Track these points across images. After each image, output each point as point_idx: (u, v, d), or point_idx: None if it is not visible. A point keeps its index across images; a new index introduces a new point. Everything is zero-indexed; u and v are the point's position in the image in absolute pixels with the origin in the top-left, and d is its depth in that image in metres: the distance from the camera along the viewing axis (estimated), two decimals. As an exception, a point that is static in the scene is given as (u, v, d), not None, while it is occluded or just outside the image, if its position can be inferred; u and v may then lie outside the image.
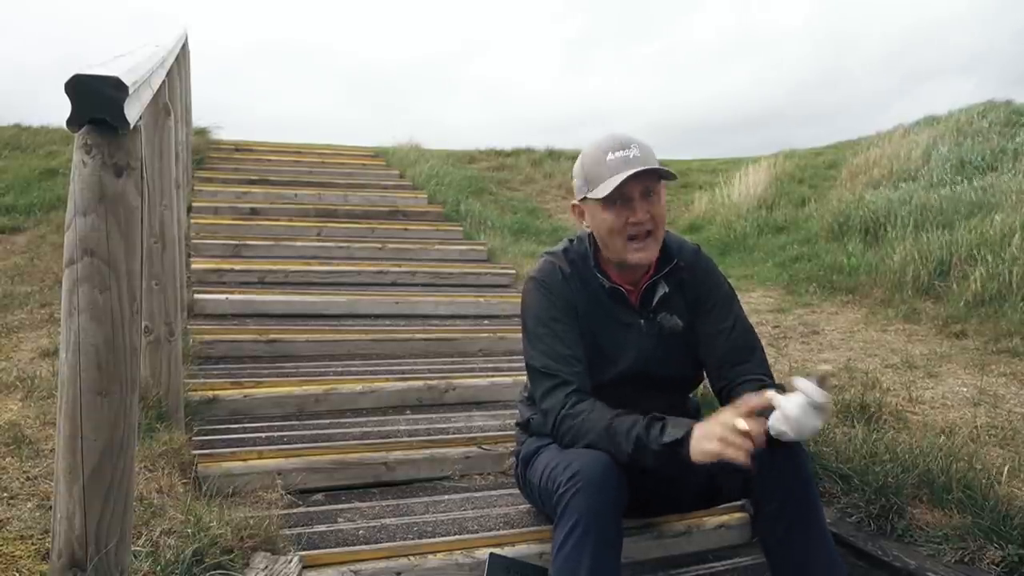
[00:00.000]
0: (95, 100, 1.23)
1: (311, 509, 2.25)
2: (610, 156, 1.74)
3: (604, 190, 1.73)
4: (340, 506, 2.28)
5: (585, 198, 1.81)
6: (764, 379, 1.80)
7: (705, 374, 1.94)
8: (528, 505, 2.16)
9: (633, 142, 1.76)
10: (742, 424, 1.49)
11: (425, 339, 3.89)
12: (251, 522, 1.84)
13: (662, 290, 1.88)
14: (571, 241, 1.96)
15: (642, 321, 1.88)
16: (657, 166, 1.73)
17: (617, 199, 1.75)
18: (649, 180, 1.75)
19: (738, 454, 1.48)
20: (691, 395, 2.08)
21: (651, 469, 1.64)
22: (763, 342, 1.97)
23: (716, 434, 1.51)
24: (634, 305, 1.89)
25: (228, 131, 8.32)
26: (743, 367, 1.81)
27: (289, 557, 1.79)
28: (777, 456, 1.57)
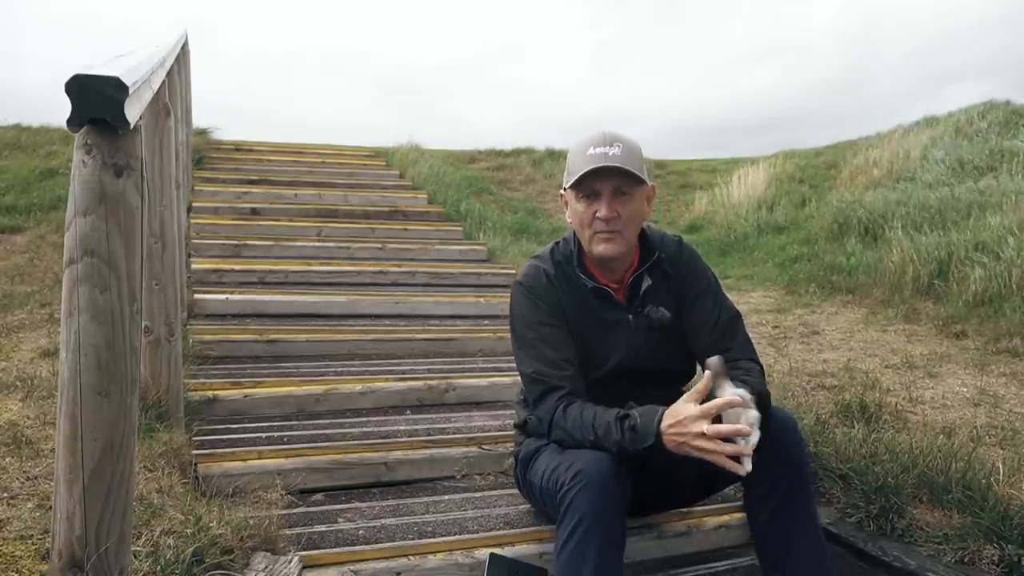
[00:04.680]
0: (95, 100, 1.23)
1: (311, 509, 2.25)
2: (591, 150, 1.77)
3: (572, 179, 1.79)
4: (340, 506, 2.28)
5: (566, 188, 1.86)
6: (750, 364, 1.82)
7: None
8: (528, 505, 2.16)
9: (619, 142, 1.79)
10: (708, 428, 1.51)
11: (425, 339, 3.89)
12: (251, 522, 1.84)
13: (646, 283, 1.90)
14: (557, 243, 1.99)
15: (630, 316, 1.90)
16: (628, 168, 1.76)
17: (588, 192, 1.80)
18: (623, 180, 1.78)
19: (725, 462, 1.51)
20: (686, 387, 2.08)
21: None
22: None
23: (691, 444, 1.54)
24: (620, 302, 1.91)
25: (257, 132, 8.28)
26: (728, 356, 1.82)
27: (289, 557, 1.79)
28: (770, 439, 1.58)
